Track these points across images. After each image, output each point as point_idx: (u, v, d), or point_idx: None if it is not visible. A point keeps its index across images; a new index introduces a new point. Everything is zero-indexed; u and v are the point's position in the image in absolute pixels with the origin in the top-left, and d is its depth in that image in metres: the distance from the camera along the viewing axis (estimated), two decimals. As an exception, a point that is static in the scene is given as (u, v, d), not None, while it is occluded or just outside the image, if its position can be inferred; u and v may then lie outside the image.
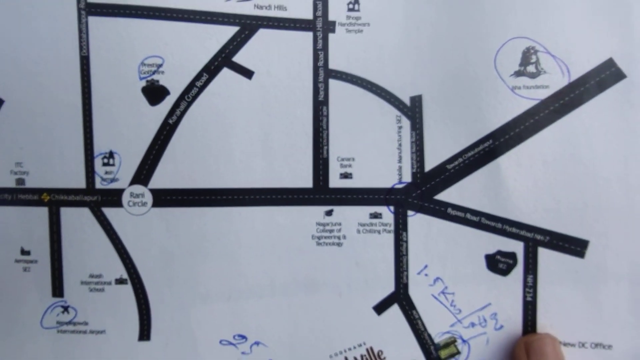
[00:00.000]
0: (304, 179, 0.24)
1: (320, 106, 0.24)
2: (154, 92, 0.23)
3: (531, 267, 0.23)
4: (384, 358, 0.25)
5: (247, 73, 0.23)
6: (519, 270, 0.23)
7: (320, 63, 0.24)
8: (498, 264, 0.24)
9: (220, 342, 0.24)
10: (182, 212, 0.23)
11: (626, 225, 0.22)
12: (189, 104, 0.23)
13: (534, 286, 0.23)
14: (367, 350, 0.25)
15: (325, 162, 0.24)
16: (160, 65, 0.23)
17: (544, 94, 0.23)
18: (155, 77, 0.23)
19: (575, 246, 0.23)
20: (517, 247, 0.23)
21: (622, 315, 0.22)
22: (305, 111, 0.24)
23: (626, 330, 0.22)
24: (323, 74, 0.24)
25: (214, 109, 0.23)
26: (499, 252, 0.24)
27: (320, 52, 0.24)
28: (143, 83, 0.23)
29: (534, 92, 0.23)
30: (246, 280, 0.24)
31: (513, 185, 0.23)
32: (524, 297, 0.23)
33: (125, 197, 0.23)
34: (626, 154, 0.22)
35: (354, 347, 0.25)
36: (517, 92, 0.23)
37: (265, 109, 0.24)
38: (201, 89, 0.23)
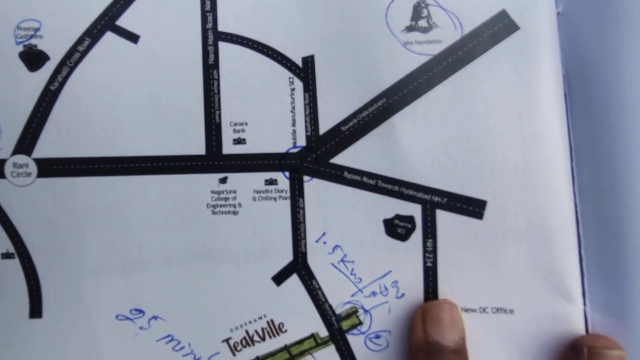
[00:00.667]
0: (197, 146, 0.23)
1: (210, 70, 0.23)
2: (33, 58, 0.22)
3: (430, 230, 0.22)
4: (285, 330, 0.24)
5: (133, 37, 0.23)
6: (418, 235, 0.22)
7: (209, 25, 0.23)
8: (397, 228, 0.23)
9: (117, 317, 0.23)
10: (70, 182, 0.22)
11: (523, 183, 0.21)
12: (71, 69, 0.22)
13: (434, 251, 0.22)
14: (268, 322, 0.24)
15: (218, 127, 0.23)
16: (37, 29, 0.22)
17: (436, 49, 0.22)
18: (33, 41, 0.22)
19: (473, 207, 0.22)
20: (415, 210, 0.22)
21: (523, 278, 0.21)
22: (195, 75, 0.23)
23: (527, 293, 0.21)
24: (212, 36, 0.23)
25: (98, 75, 0.22)
26: (397, 217, 0.23)
27: (209, 13, 0.23)
28: (20, 48, 0.22)
29: (426, 47, 0.22)
30: (140, 252, 0.23)
31: (408, 145, 0.22)
32: (424, 262, 0.22)
33: (8, 168, 0.23)
34: (520, 108, 0.21)
35: (255, 320, 0.24)
36: (410, 47, 0.22)
37: (154, 74, 0.23)
38: (83, 54, 0.22)
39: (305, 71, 0.23)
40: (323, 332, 0.23)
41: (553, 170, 0.21)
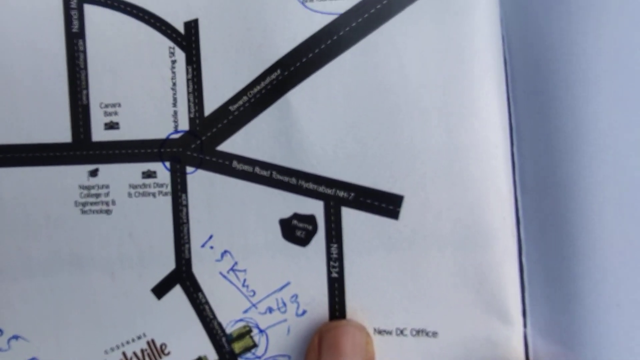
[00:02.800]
0: (61, 132, 0.19)
1: (74, 40, 0.19)
2: None
3: (334, 233, 0.18)
4: (168, 353, 0.20)
5: (-26, -2, 0.20)
6: (320, 238, 0.18)
7: (71, -16, 0.20)
8: (295, 230, 0.18)
9: (-30, 336, 0.21)
10: None
11: (449, 173, 0.17)
12: None
13: (340, 258, 0.18)
14: (148, 343, 0.20)
15: (86, 109, 0.19)
16: None
17: (343, 6, 0.18)
18: None
19: (387, 204, 0.17)
20: (316, 208, 0.18)
21: (448, 293, 0.17)
22: (56, 47, 0.19)
23: (454, 312, 0.17)
24: (76, -2, 0.20)
25: None
26: (296, 216, 0.18)
27: (70, -30, 0.20)
28: None
29: (330, 4, 0.18)
30: (-5, 260, 0.21)
31: (308, 127, 0.18)
32: (329, 273, 0.18)
33: None
34: (446, 78, 0.17)
35: (132, 340, 0.20)
36: (310, 5, 0.18)
37: (3, 45, 0.19)
38: None
39: (188, 39, 0.19)
40: (212, 356, 0.19)
41: (488, 157, 0.17)
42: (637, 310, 0.15)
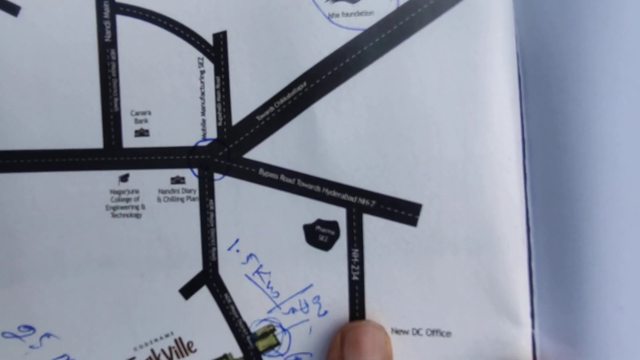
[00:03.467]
0: (93, 138, 0.20)
1: (107, 49, 0.20)
2: None
3: (356, 239, 0.19)
4: (195, 350, 0.21)
5: (11, 8, 0.19)
6: (342, 243, 0.19)
7: (104, -5, 0.20)
8: (318, 235, 0.19)
9: (3, 334, 0.20)
10: (-56, 179, 0.21)
11: (464, 183, 0.18)
12: None
13: (361, 262, 0.19)
14: (176, 340, 0.21)
15: (117, 116, 0.20)
16: None
17: (367, 22, 0.18)
18: None
19: (406, 211, 0.18)
20: (339, 214, 0.19)
21: (462, 295, 0.18)
22: (90, 55, 0.20)
23: (467, 313, 0.18)
24: (109, 9, 0.20)
25: (-27, 54, 0.20)
26: (319, 222, 0.19)
27: (103, -18, 0.20)
28: None
29: (355, 20, 0.19)
30: (29, 260, 0.20)
31: (331, 138, 0.19)
32: (350, 275, 0.19)
33: None
34: (464, 93, 0.18)
35: (161, 338, 0.21)
36: (335, 20, 0.19)
37: (40, 54, 0.19)
38: (-46, 29, 0.20)
39: (216, 50, 0.20)
40: (237, 353, 0.20)
41: (501, 168, 0.18)
42: (639, 312, 0.16)
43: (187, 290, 0.20)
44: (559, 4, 0.18)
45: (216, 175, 0.20)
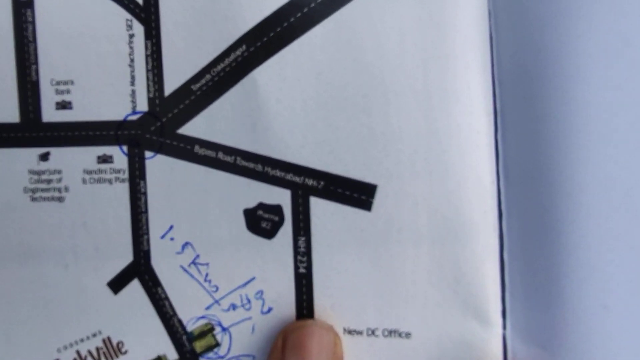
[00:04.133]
0: (8, 112, 0.17)
1: (22, 9, 0.17)
2: None
3: (302, 225, 0.17)
4: (125, 352, 0.19)
5: None
6: (287, 231, 0.17)
7: (18, -53, 0.18)
8: (261, 221, 0.17)
9: None
10: None
11: (427, 161, 0.16)
12: None
13: (308, 253, 0.17)
14: (104, 340, 0.19)
15: (35, 87, 0.18)
16: None
17: (314, -25, 0.17)
18: None
19: (359, 194, 0.16)
20: (283, 197, 0.17)
21: (423, 291, 0.16)
22: (2, 17, 0.17)
23: (429, 311, 0.16)
24: (24, -37, 0.18)
25: None
26: (261, 206, 0.17)
27: None
28: None
29: (301, -27, 0.17)
30: (-62, 250, 0.19)
31: (275, 109, 0.16)
32: (296, 268, 0.17)
33: None
34: (426, 57, 0.16)
35: (87, 338, 0.18)
36: (279, -26, 0.17)
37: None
38: None
39: (147, 11, 0.17)
40: (172, 355, 0.18)
41: (469, 144, 0.16)
42: (626, 312, 0.14)
43: (116, 284, 0.18)
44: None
45: (147, 154, 0.18)
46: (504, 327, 0.16)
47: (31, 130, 0.18)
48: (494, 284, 0.16)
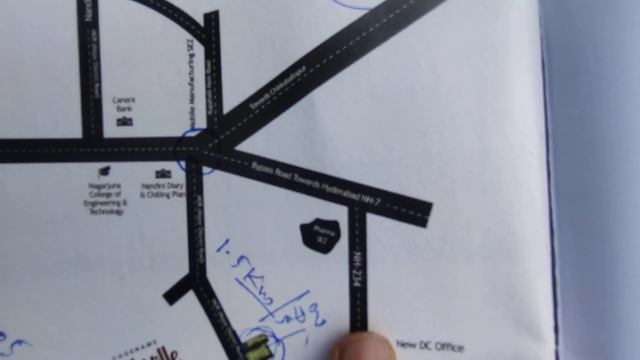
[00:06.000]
0: (71, 128, 0.18)
1: (87, 30, 0.18)
2: None
3: (358, 240, 0.17)
4: (179, 361, 0.20)
5: (-17, -15, 0.19)
6: (343, 246, 0.17)
7: (85, -29, 0.19)
8: (317, 237, 0.18)
9: (-29, 340, 0.20)
10: None
11: (480, 180, 0.16)
12: None
13: (363, 267, 0.17)
14: (159, 350, 0.19)
15: (98, 104, 0.19)
16: None
17: (373, 1, 0.17)
18: None
19: (414, 211, 0.17)
20: (340, 213, 0.17)
21: (476, 306, 0.16)
22: (68, 37, 0.18)
23: (481, 326, 0.16)
24: (90, -14, 0.19)
25: (-60, 34, 0.19)
26: (318, 221, 0.17)
27: (84, -44, 0.19)
28: None
29: (360, -1, 0.18)
30: (-1, 260, 0.20)
31: (332, 129, 0.17)
32: (351, 282, 0.17)
33: None
34: (480, 80, 0.16)
35: (142, 347, 0.19)
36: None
37: (12, 36, 0.18)
38: None
39: (207, 32, 0.18)
40: (225, 366, 0.19)
41: (522, 164, 0.16)
42: None
43: (172, 295, 0.19)
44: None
45: (205, 169, 0.19)
46: (557, 342, 0.16)
47: (92, 146, 0.19)
48: (546, 300, 0.16)
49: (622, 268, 0.15)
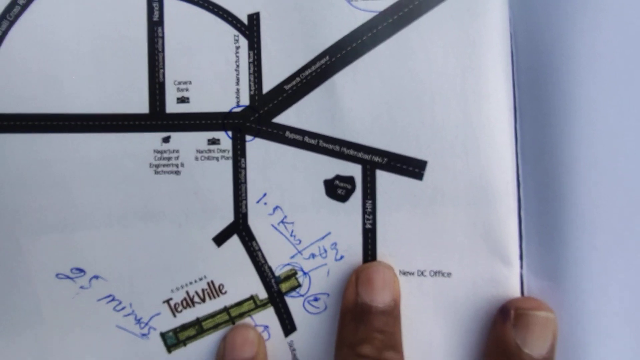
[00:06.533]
0: (140, 104, 0.22)
1: (155, 27, 0.23)
2: (-29, 10, 0.22)
3: (370, 191, 0.22)
4: (225, 292, 0.23)
5: (73, -8, 0.23)
6: (357, 196, 0.22)
7: (153, -19, 0.23)
8: (337, 189, 0.22)
9: (57, 275, 0.23)
10: (8, 139, 0.22)
11: (464, 144, 0.21)
12: (11, 23, 0.23)
13: (373, 212, 0.22)
14: (208, 284, 0.23)
15: (162, 86, 0.23)
16: (-26, -19, 0.22)
17: (382, 5, 0.21)
18: (-29, -6, 0.22)
19: (413, 167, 0.21)
20: (355, 170, 0.22)
21: (461, 241, 0.21)
22: (140, 32, 0.22)
23: (465, 256, 0.21)
24: (157, -8, 0.23)
25: (39, 30, 0.22)
26: (338, 177, 0.22)
27: (153, -31, 0.23)
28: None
29: (371, 4, 0.22)
30: (81, 211, 0.23)
31: (349, 104, 0.22)
32: (364, 224, 0.22)
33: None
34: (464, 67, 0.21)
35: (195, 281, 0.23)
36: (354, 4, 0.22)
37: (97, 31, 0.22)
38: (24, 7, 0.22)
39: (250, 29, 0.23)
40: (262, 294, 0.23)
41: (495, 132, 0.21)
42: (611, 251, 0.19)
43: (220, 239, 0.23)
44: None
45: (248, 137, 0.23)
46: (521, 267, 0.21)
47: (157, 119, 0.23)
48: (514, 235, 0.21)
49: (569, 208, 0.20)
